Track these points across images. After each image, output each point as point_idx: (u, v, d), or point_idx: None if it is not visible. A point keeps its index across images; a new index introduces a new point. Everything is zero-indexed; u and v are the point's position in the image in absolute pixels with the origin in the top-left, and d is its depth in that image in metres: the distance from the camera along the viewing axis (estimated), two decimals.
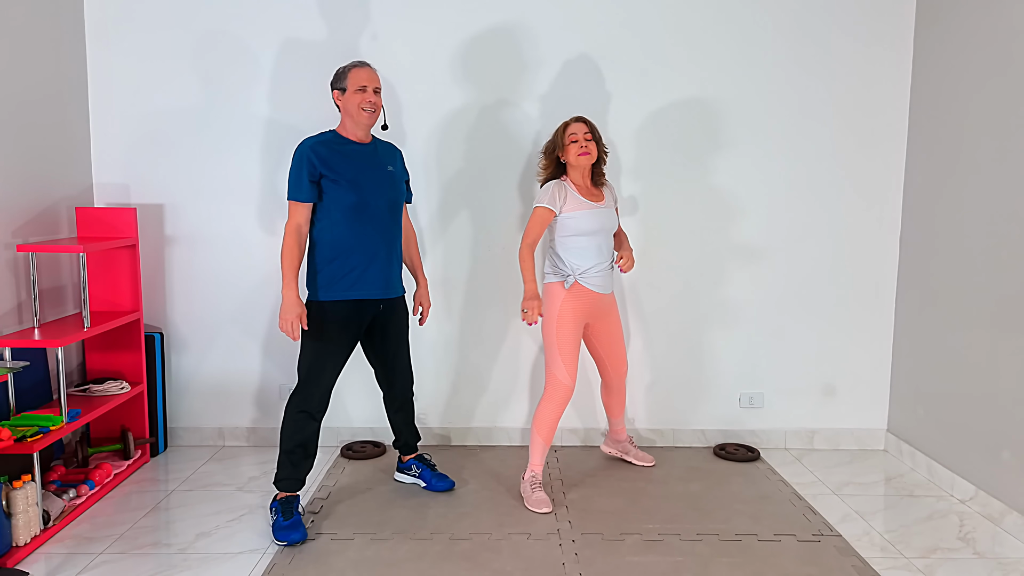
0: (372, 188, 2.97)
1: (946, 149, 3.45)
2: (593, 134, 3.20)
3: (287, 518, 2.90)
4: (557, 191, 3.19)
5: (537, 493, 3.19)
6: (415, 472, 3.39)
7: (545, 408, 3.22)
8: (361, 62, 3.01)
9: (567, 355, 3.18)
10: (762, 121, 3.75)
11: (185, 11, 3.68)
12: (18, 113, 3.24)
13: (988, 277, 3.14)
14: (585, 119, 3.22)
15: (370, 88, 2.96)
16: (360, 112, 2.95)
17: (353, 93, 2.95)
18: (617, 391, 3.53)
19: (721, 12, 3.69)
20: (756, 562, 2.74)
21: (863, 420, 3.92)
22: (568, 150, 3.17)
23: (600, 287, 3.23)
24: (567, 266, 3.20)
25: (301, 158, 2.92)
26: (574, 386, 3.23)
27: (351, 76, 2.96)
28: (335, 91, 3.00)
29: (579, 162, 3.17)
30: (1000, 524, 3.04)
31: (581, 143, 3.16)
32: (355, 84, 2.95)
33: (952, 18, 3.42)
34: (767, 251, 3.82)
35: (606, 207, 3.24)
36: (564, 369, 3.19)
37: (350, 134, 3.01)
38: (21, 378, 3.19)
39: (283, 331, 2.92)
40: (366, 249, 2.98)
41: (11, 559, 2.69)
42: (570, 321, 3.19)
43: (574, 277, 3.20)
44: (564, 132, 3.20)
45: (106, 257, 3.60)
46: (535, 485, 3.22)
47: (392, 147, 3.17)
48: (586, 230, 3.17)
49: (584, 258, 3.18)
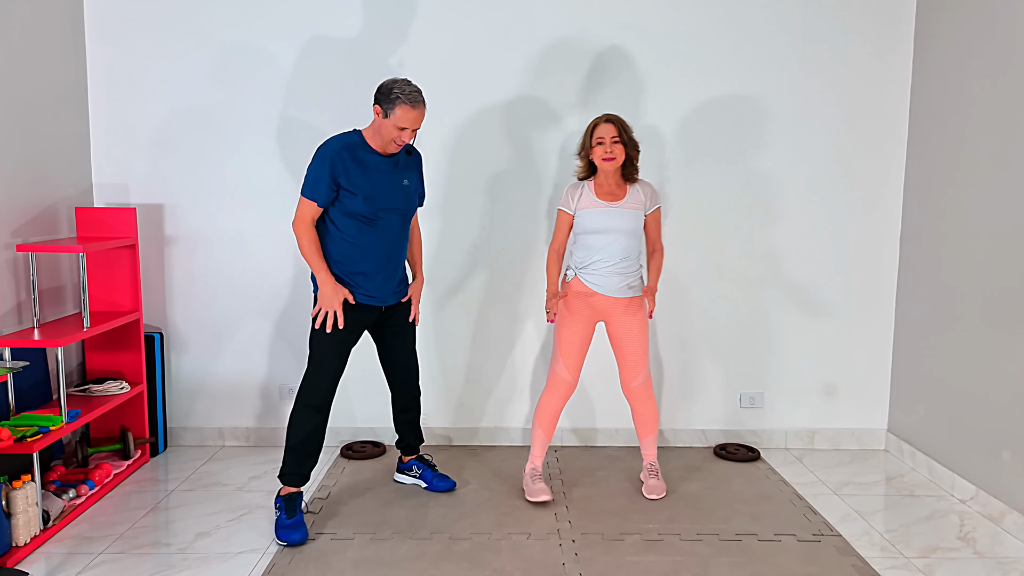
0: (385, 202, 2.96)
1: (946, 149, 3.45)
2: (622, 136, 3.10)
3: (290, 516, 2.90)
4: (572, 192, 3.19)
5: (537, 483, 3.21)
6: (416, 472, 3.39)
7: (543, 399, 3.25)
8: (415, 99, 2.84)
9: (563, 350, 3.20)
10: (762, 122, 3.74)
11: (185, 11, 3.68)
12: (18, 113, 3.24)
13: (988, 277, 3.14)
14: (615, 119, 3.11)
15: (411, 130, 2.88)
16: (391, 144, 2.92)
17: (393, 128, 2.86)
18: (634, 403, 3.29)
19: (723, 13, 3.69)
20: (756, 562, 2.74)
21: (863, 420, 3.92)
22: (594, 152, 3.11)
23: (602, 287, 3.14)
24: (571, 262, 3.23)
25: (324, 160, 2.88)
26: (573, 382, 3.22)
27: (399, 111, 2.82)
28: (377, 106, 2.88)
29: (603, 166, 3.11)
30: (1000, 524, 3.04)
31: (607, 146, 3.08)
32: (399, 122, 2.84)
33: (953, 19, 3.42)
34: (767, 251, 3.82)
35: (624, 207, 3.14)
36: (560, 363, 3.21)
37: (376, 145, 2.96)
38: (21, 378, 3.19)
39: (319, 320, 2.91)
40: (371, 260, 2.99)
41: (11, 559, 2.69)
42: (567, 316, 3.18)
43: (574, 272, 3.20)
44: (592, 133, 3.12)
45: (106, 257, 3.60)
46: (535, 477, 3.24)
47: (414, 155, 3.13)
48: (592, 228, 3.14)
49: (586, 255, 3.16)
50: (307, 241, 2.92)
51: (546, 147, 3.75)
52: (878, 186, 3.79)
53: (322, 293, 2.91)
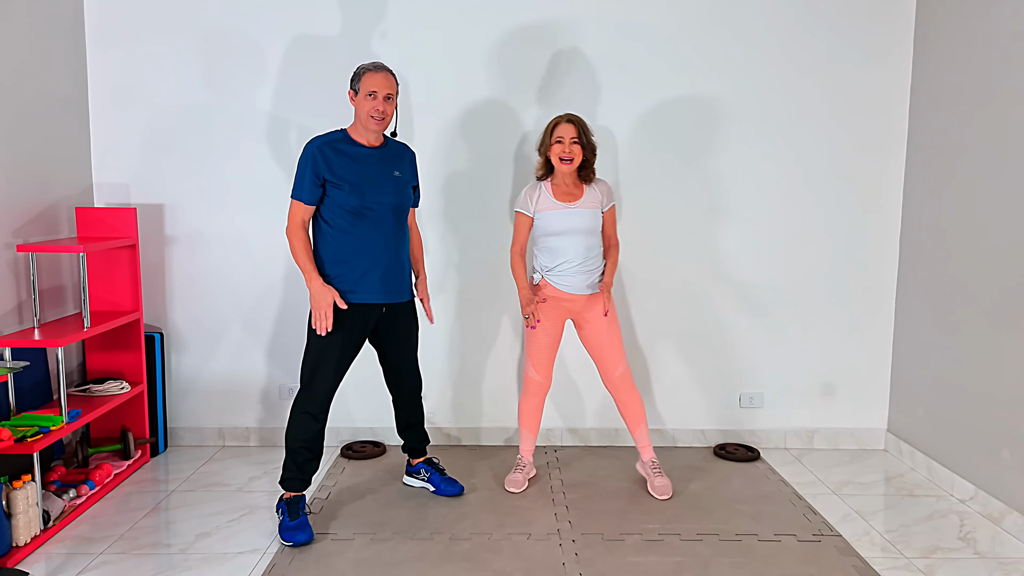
0: (376, 193, 2.94)
1: (946, 149, 3.45)
2: (581, 138, 3.14)
3: (293, 518, 2.90)
4: (530, 194, 3.23)
5: (514, 474, 3.38)
6: (424, 476, 3.36)
7: (521, 402, 3.40)
8: (377, 65, 2.91)
9: (532, 351, 3.29)
10: (762, 122, 3.75)
11: (185, 10, 3.68)
12: (18, 113, 3.23)
13: (988, 277, 3.14)
14: (575, 119, 3.16)
15: (380, 95, 2.88)
16: (368, 120, 2.90)
17: (363, 99, 2.89)
18: (620, 395, 3.34)
19: (719, 13, 3.69)
20: (756, 562, 2.74)
21: (863, 420, 3.92)
22: (552, 150, 3.16)
23: (570, 287, 3.19)
24: (537, 265, 3.26)
25: (307, 158, 2.90)
26: (545, 383, 3.32)
27: (364, 79, 2.89)
28: (350, 91, 2.94)
29: (560, 167, 3.16)
30: (1000, 524, 3.04)
31: (566, 146, 3.12)
32: (366, 89, 2.88)
33: (952, 19, 3.42)
34: (767, 251, 3.82)
35: (582, 207, 3.19)
36: (529, 364, 3.30)
37: (360, 136, 2.97)
38: (21, 378, 3.19)
39: (314, 324, 2.87)
40: (369, 254, 2.96)
41: (11, 559, 2.69)
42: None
43: (541, 275, 3.24)
44: (551, 132, 3.17)
45: (106, 257, 3.60)
46: (517, 467, 3.40)
47: (403, 149, 3.12)
48: (553, 230, 3.18)
49: (551, 257, 3.20)
50: (298, 243, 2.90)
51: None
52: (878, 186, 3.79)
53: (312, 296, 2.88)
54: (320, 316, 2.87)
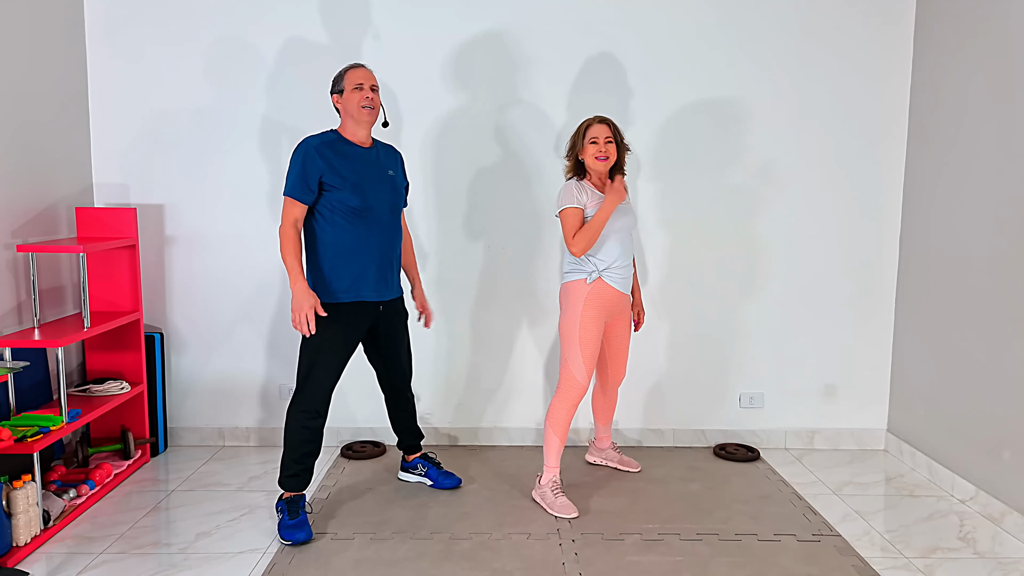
0: (374, 192, 2.96)
1: (946, 149, 3.45)
2: (615, 137, 3.13)
3: (293, 517, 2.90)
4: (578, 190, 3.12)
5: (560, 498, 3.13)
6: (421, 470, 3.39)
7: (560, 406, 3.16)
8: (356, 64, 3.02)
9: (588, 353, 3.12)
10: (762, 121, 3.75)
11: (185, 11, 3.68)
12: (18, 113, 3.24)
13: (988, 277, 3.14)
14: (606, 120, 3.14)
15: (367, 85, 2.95)
16: (360, 110, 2.93)
17: (351, 92, 2.94)
18: (611, 396, 3.51)
19: (722, 12, 3.69)
20: (756, 562, 2.74)
21: (863, 420, 3.92)
22: (586, 151, 3.12)
23: (621, 285, 3.17)
24: (590, 263, 3.15)
25: (304, 157, 2.89)
26: (588, 386, 3.21)
27: (347, 77, 2.96)
28: (334, 95, 2.99)
29: (596, 166, 3.11)
30: (1000, 524, 3.04)
31: (600, 146, 3.10)
32: (352, 83, 2.95)
33: (952, 17, 3.42)
34: (767, 251, 3.82)
35: (627, 205, 3.22)
36: (583, 368, 3.13)
37: (352, 136, 3.00)
38: (21, 378, 3.19)
39: (296, 327, 2.83)
40: (367, 253, 2.97)
41: (11, 559, 2.69)
42: (592, 319, 3.12)
43: (597, 273, 3.14)
44: (584, 133, 3.13)
45: (106, 257, 3.60)
46: (556, 490, 3.16)
47: (393, 150, 3.17)
48: (610, 228, 3.13)
49: (607, 255, 3.14)
50: (288, 243, 2.87)
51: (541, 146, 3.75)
52: (878, 186, 3.79)
53: (295, 297, 2.84)
54: (301, 319, 2.83)
